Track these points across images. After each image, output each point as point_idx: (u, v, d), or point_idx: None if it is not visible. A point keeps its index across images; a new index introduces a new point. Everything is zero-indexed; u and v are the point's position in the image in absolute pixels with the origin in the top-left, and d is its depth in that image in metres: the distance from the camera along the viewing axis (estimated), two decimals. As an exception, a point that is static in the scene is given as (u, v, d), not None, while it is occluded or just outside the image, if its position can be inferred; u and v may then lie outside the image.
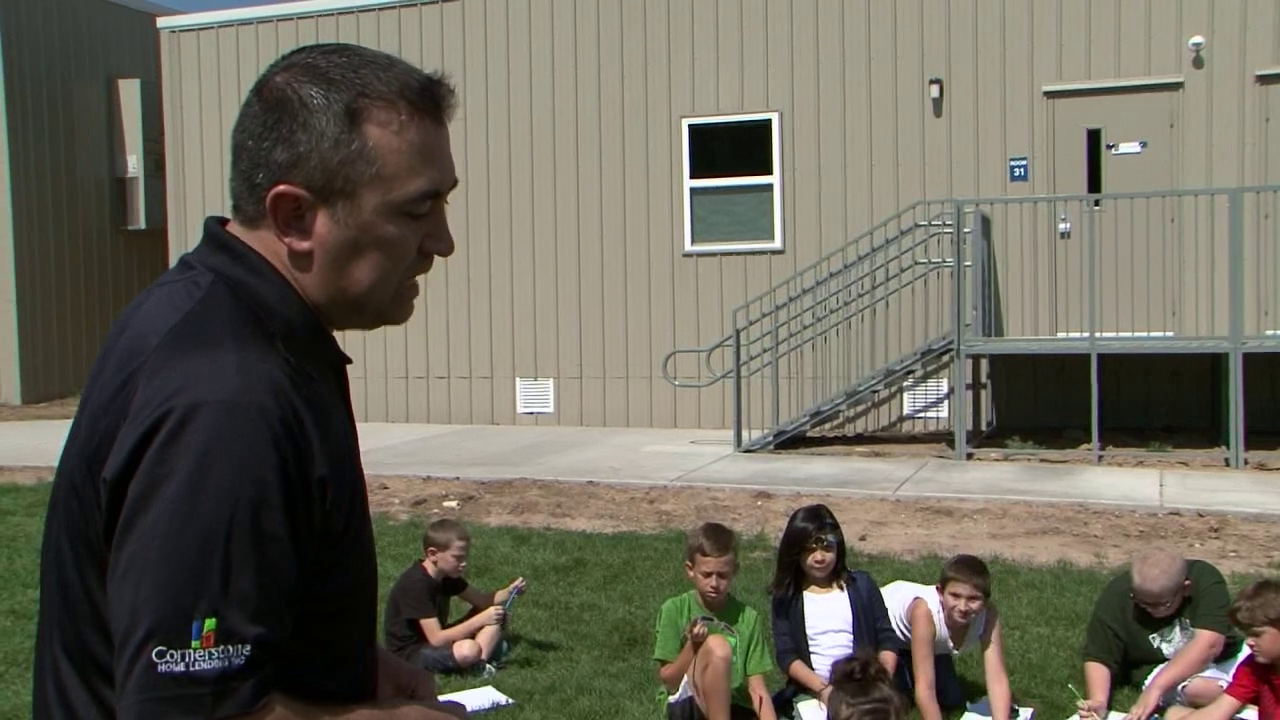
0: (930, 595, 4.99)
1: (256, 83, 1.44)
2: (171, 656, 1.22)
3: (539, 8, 14.18)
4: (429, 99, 1.43)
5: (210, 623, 1.23)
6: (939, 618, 4.92)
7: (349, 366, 1.55)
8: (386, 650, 1.73)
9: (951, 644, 5.02)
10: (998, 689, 4.82)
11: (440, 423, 14.51)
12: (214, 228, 1.47)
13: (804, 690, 4.92)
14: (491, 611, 5.71)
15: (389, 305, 1.47)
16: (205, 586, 1.23)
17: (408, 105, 1.41)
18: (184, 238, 15.56)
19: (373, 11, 14.78)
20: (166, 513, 1.24)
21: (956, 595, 4.84)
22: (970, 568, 4.92)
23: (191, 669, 1.22)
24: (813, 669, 4.91)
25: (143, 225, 18.30)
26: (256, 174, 1.41)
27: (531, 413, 14.33)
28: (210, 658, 1.23)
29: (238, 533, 1.25)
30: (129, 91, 18.30)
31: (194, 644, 1.22)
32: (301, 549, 1.31)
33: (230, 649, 1.23)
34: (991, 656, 4.88)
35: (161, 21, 16.07)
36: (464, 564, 5.84)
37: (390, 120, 1.40)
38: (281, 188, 1.39)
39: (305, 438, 1.33)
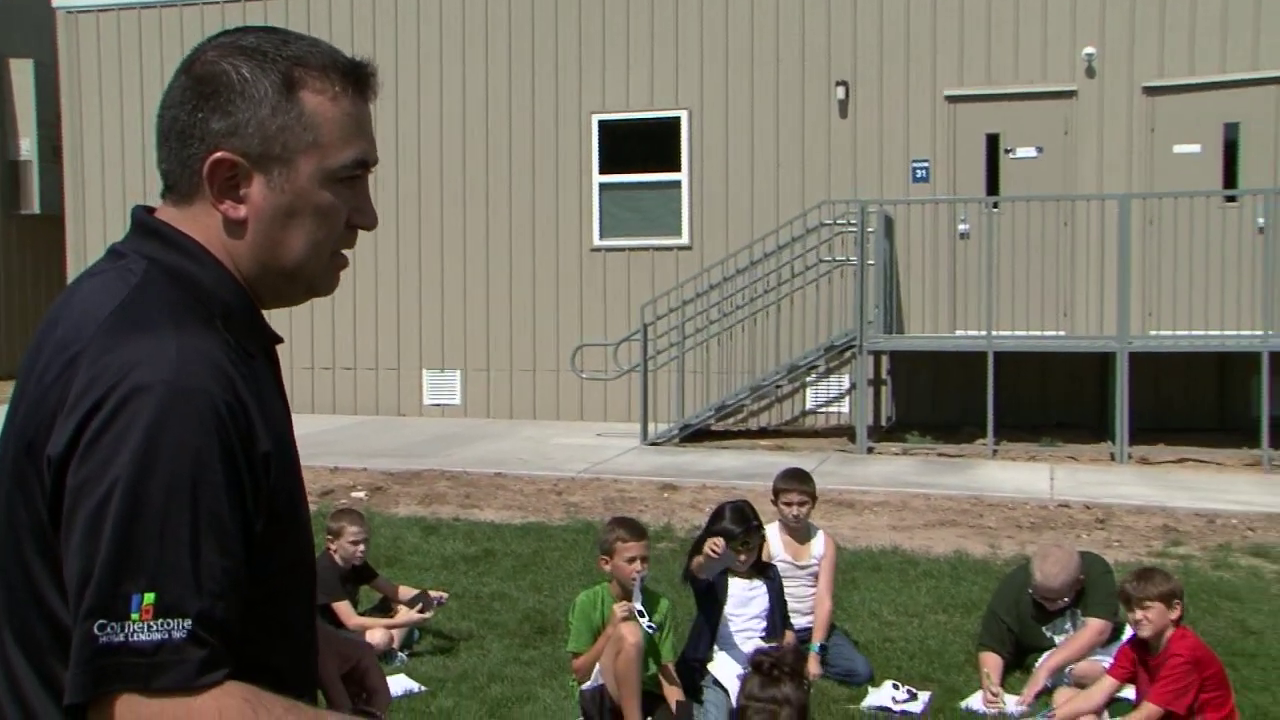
0: (770, 533, 5.62)
1: (185, 61, 1.48)
2: (112, 629, 1.24)
3: (451, 1, 14.15)
4: (358, 74, 1.50)
5: (149, 597, 1.25)
6: (776, 541, 5.61)
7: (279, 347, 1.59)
8: (328, 626, 1.79)
9: (791, 556, 5.64)
10: (820, 610, 5.57)
11: (346, 414, 14.40)
12: (142, 215, 1.49)
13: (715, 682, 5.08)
14: (415, 615, 5.78)
15: (320, 275, 1.52)
16: (144, 562, 1.25)
17: (340, 77, 1.47)
18: (83, 224, 15.21)
19: (280, -2, 14.60)
20: (111, 494, 1.27)
21: (789, 504, 5.63)
22: (796, 477, 5.73)
23: (130, 640, 1.24)
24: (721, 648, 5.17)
25: (37, 210, 17.85)
26: (191, 145, 1.43)
27: (438, 404, 14.31)
28: (149, 629, 1.24)
29: (179, 511, 1.27)
30: (22, 72, 17.82)
31: (133, 616, 1.24)
32: (248, 526, 1.35)
33: (170, 623, 1.25)
34: (822, 580, 5.63)
35: (57, 1, 15.63)
36: (361, 549, 5.85)
37: (325, 89, 1.46)
38: (219, 154, 1.42)
39: (247, 416, 1.36)
